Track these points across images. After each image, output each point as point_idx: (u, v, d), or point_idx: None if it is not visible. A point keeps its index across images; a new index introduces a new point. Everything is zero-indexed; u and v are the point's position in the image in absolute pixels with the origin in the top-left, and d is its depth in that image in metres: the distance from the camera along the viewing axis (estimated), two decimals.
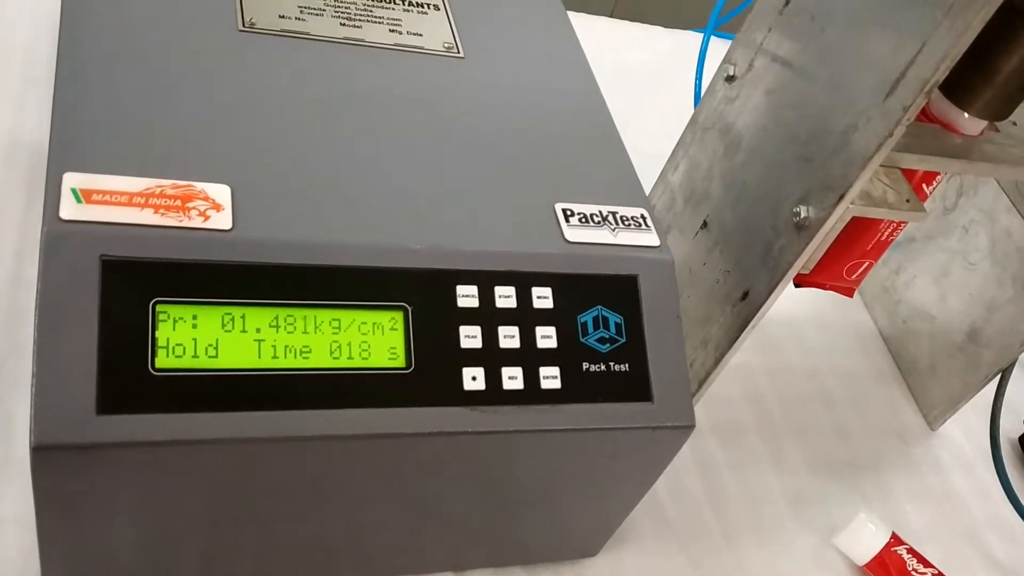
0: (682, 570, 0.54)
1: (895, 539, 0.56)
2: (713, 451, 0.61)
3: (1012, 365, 0.62)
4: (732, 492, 0.59)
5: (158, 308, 0.35)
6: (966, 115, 0.48)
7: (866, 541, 0.56)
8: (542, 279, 0.41)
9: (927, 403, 0.69)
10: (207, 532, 0.40)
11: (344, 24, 0.48)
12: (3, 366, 0.49)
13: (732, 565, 0.55)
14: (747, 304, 0.50)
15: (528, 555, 0.50)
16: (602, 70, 0.52)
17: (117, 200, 0.36)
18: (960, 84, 0.47)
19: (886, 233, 0.51)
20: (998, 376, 0.63)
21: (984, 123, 0.48)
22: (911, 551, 0.56)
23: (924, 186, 0.51)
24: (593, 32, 0.57)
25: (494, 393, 0.39)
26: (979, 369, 0.64)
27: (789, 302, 0.57)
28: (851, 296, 0.56)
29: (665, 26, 0.95)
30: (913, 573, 0.55)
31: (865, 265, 0.52)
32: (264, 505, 0.40)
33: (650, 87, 0.84)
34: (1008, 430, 0.68)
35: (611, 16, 0.94)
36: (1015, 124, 0.51)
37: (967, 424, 0.69)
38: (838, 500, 0.61)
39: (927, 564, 0.56)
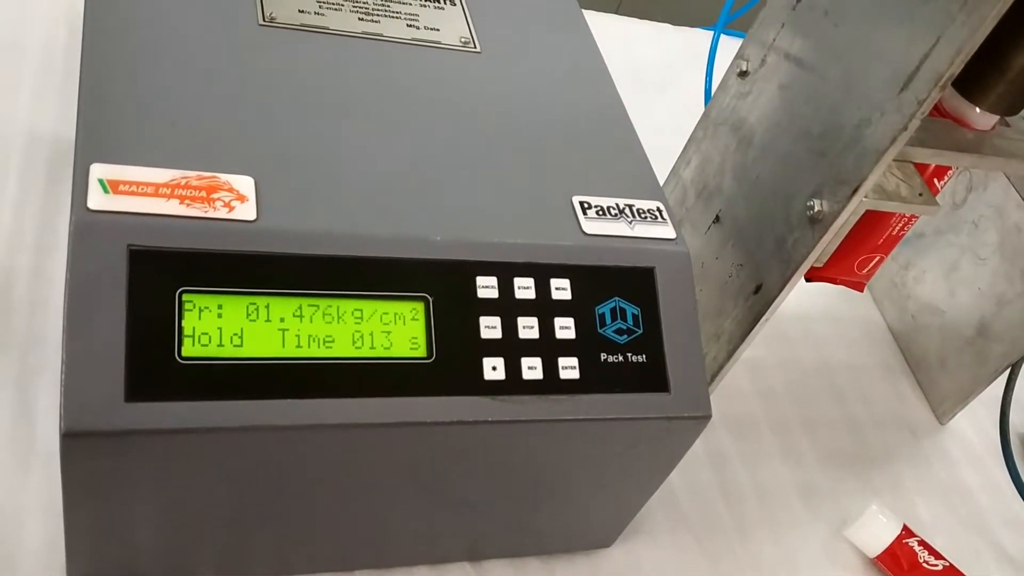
0: (695, 561, 0.54)
1: (906, 531, 0.56)
2: (725, 444, 0.61)
3: (1021, 360, 0.63)
4: (744, 485, 0.59)
5: (184, 297, 0.36)
6: (978, 110, 0.48)
7: (877, 533, 0.56)
8: (560, 271, 0.42)
9: (936, 397, 0.69)
10: (229, 519, 0.41)
11: (362, 19, 0.48)
12: (26, 358, 0.49)
13: (745, 557, 0.56)
14: (760, 297, 0.50)
15: (543, 546, 0.51)
16: (610, 67, 0.52)
17: (143, 191, 0.36)
18: (972, 79, 0.47)
19: (897, 227, 0.51)
20: (1007, 371, 0.63)
21: (995, 118, 0.49)
22: (922, 543, 0.56)
23: (936, 180, 0.51)
24: (600, 29, 0.57)
25: (514, 383, 0.40)
26: (988, 364, 0.65)
27: (799, 297, 0.57)
28: (861, 291, 0.56)
29: (672, 23, 0.95)
30: (924, 565, 0.55)
31: (876, 259, 0.53)
32: (285, 493, 0.40)
33: (658, 84, 0.85)
34: (1017, 424, 0.69)
35: (617, 13, 0.94)
36: None
37: (976, 418, 0.69)
38: (849, 492, 0.61)
39: (938, 556, 0.56)
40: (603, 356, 0.41)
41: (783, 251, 0.49)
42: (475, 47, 0.50)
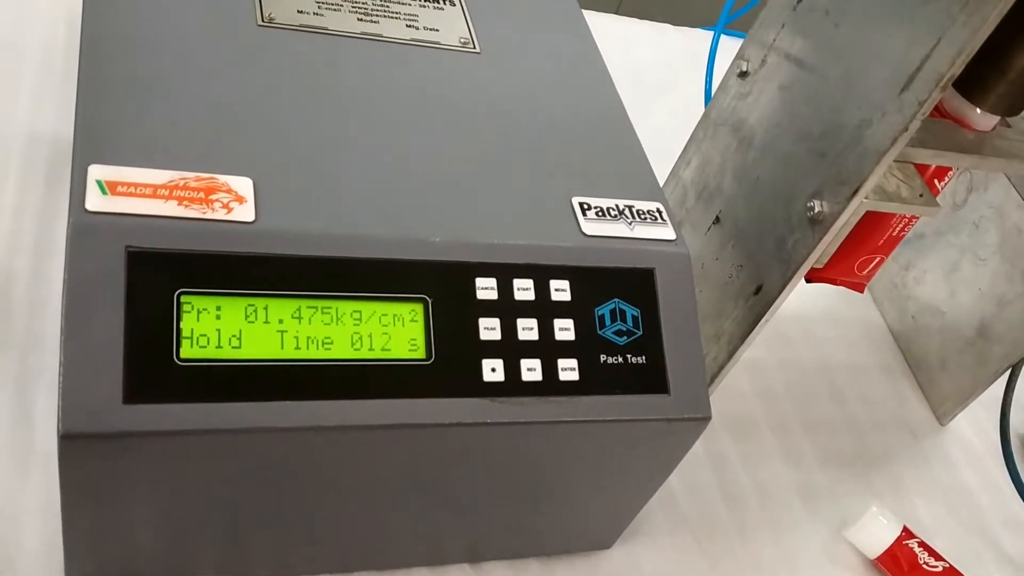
0: (695, 562, 0.54)
1: (907, 533, 0.56)
2: (725, 445, 0.61)
3: (1022, 361, 0.62)
4: (744, 486, 0.59)
5: (182, 299, 0.36)
6: (978, 110, 0.48)
7: (878, 534, 0.56)
8: (560, 272, 0.42)
9: (937, 398, 0.69)
10: (228, 520, 0.41)
11: (362, 19, 0.48)
12: (25, 359, 0.49)
13: (745, 558, 0.56)
14: (760, 298, 0.50)
15: (543, 547, 0.51)
16: (610, 67, 0.52)
17: (141, 192, 0.36)
18: (972, 79, 0.47)
19: (898, 228, 0.51)
20: (1008, 371, 0.63)
21: (996, 119, 0.49)
22: (923, 544, 0.56)
23: (936, 181, 0.51)
24: (601, 29, 0.57)
25: (513, 385, 0.40)
26: (989, 364, 0.64)
27: (799, 298, 0.57)
28: (862, 292, 0.56)
29: (671, 23, 0.95)
30: (925, 566, 0.55)
31: (876, 260, 0.53)
32: (284, 494, 0.40)
33: (658, 85, 0.85)
34: (1017, 425, 0.68)
35: (617, 13, 0.94)
36: None
37: (976, 419, 0.69)
38: (849, 493, 0.61)
39: (939, 558, 0.56)
40: (603, 357, 0.41)
41: (783, 252, 0.48)
42: (475, 47, 0.50)
